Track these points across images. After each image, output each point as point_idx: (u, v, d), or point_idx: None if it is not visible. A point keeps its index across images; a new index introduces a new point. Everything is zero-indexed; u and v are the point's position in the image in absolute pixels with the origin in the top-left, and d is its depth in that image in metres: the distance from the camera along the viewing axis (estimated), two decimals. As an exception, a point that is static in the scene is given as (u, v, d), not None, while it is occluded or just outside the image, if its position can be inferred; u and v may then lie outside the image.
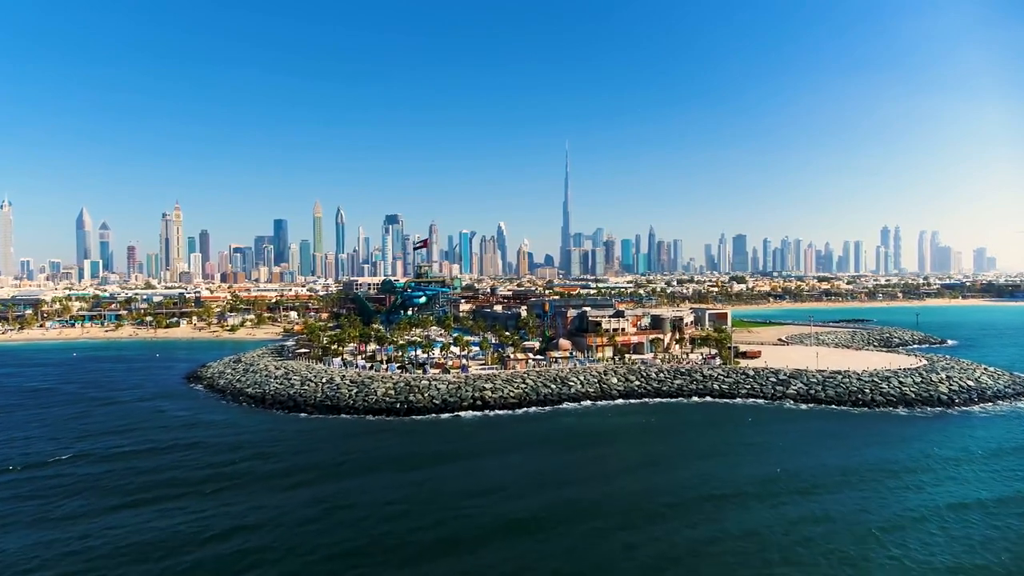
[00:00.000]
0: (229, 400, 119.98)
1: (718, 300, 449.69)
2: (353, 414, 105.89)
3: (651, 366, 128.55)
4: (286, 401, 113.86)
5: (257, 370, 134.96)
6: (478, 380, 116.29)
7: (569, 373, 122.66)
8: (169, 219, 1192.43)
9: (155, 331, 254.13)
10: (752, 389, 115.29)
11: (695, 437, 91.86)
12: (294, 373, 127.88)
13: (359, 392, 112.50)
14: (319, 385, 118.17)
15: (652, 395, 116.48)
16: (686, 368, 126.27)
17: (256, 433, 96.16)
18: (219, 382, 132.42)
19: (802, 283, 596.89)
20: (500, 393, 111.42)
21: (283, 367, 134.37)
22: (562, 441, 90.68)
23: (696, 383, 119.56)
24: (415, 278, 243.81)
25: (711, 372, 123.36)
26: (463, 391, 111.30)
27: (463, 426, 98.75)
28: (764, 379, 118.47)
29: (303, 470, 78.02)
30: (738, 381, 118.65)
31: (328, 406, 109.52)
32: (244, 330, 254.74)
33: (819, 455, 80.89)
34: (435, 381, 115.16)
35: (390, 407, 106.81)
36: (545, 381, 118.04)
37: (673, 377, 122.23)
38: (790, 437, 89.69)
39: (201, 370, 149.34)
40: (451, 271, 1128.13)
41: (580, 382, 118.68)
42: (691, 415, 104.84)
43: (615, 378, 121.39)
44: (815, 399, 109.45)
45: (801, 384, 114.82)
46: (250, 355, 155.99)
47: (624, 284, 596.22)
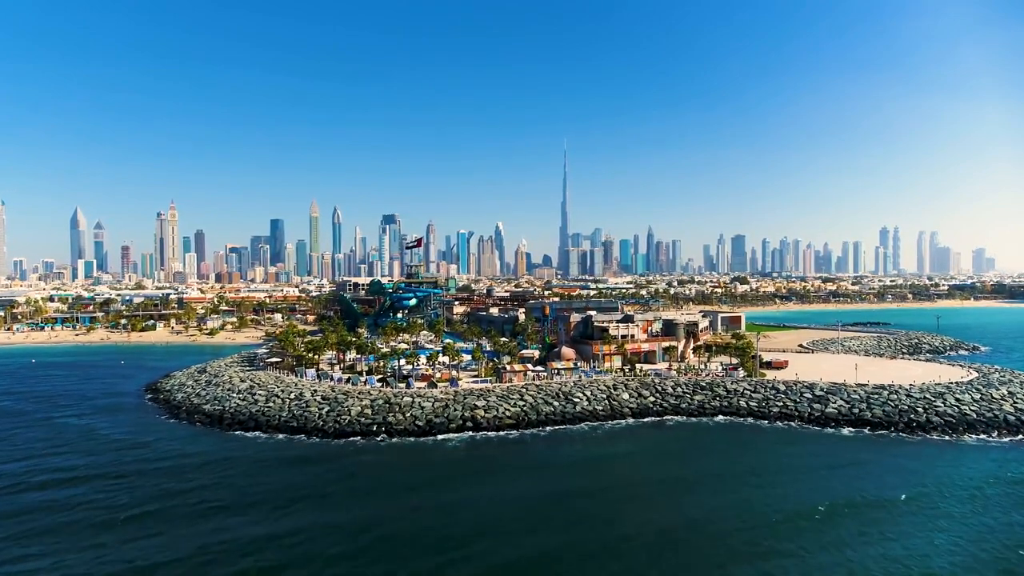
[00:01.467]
0: (183, 418, 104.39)
1: (723, 301, 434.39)
2: (321, 436, 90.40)
3: (666, 379, 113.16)
4: (246, 421, 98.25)
5: (220, 382, 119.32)
6: (469, 396, 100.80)
7: (574, 387, 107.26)
8: (164, 219, 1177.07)
9: (128, 335, 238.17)
10: (785, 407, 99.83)
11: (724, 472, 76.05)
12: (260, 387, 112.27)
13: (330, 411, 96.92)
14: (286, 402, 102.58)
15: (669, 413, 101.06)
16: (707, 381, 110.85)
17: (197, 460, 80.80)
18: (176, 396, 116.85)
19: (807, 284, 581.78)
20: (494, 412, 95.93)
21: (249, 379, 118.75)
22: (566, 471, 75.46)
23: (719, 399, 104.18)
24: (405, 278, 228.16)
25: (736, 386, 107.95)
26: (451, 410, 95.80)
27: (449, 452, 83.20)
28: (797, 395, 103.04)
29: (230, 508, 63.97)
30: (768, 397, 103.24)
31: (293, 427, 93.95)
32: (224, 334, 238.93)
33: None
34: (419, 398, 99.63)
35: (365, 429, 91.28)
36: (546, 397, 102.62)
37: (692, 392, 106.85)
38: (849, 484, 70.99)
39: (163, 381, 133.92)
40: (448, 271, 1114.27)
41: (586, 398, 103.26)
42: (716, 440, 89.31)
43: (626, 393, 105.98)
44: (860, 420, 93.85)
45: (841, 401, 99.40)
46: (217, 364, 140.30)
47: (624, 285, 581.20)
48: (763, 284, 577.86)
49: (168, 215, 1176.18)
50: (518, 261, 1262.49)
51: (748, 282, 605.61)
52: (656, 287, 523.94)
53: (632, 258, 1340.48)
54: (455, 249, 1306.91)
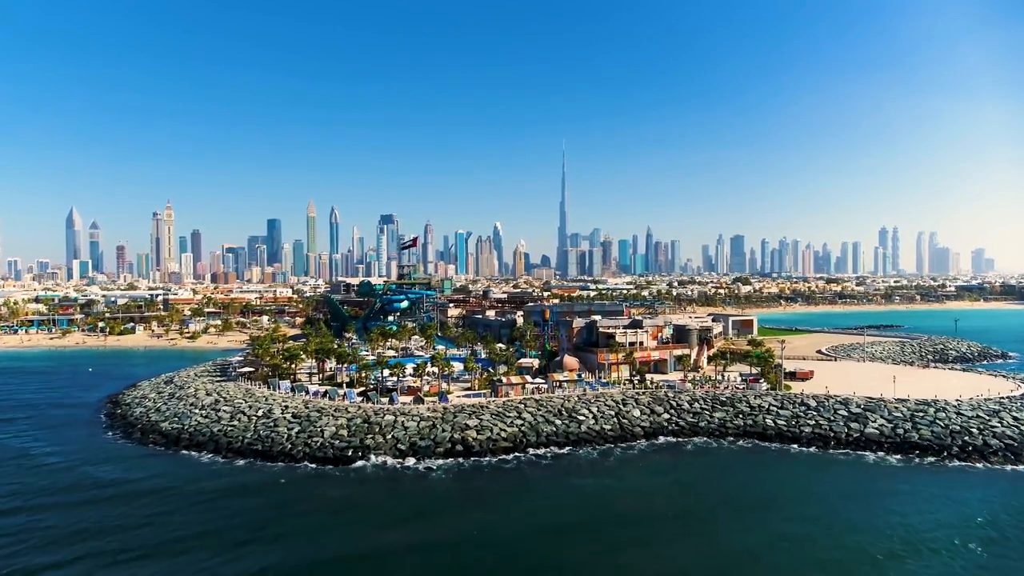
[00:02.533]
0: (136, 438, 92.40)
1: (726, 303, 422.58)
2: (288, 461, 78.43)
3: (681, 392, 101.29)
4: (205, 442, 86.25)
5: (185, 396, 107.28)
6: (459, 414, 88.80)
7: (578, 402, 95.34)
8: (160, 219, 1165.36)
9: (105, 339, 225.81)
10: (817, 426, 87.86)
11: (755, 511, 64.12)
12: (226, 402, 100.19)
13: (300, 432, 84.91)
14: (252, 420, 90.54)
15: (687, 433, 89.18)
16: (727, 395, 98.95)
17: (134, 490, 69.43)
18: (135, 411, 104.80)
19: (810, 285, 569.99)
20: (488, 433, 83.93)
21: (216, 392, 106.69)
22: (569, 508, 63.71)
23: (742, 416, 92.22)
24: (397, 279, 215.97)
25: (760, 401, 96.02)
26: (439, 430, 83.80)
27: (433, 483, 71.13)
28: (831, 412, 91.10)
29: (156, 555, 52.69)
30: (797, 415, 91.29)
31: (257, 450, 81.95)
32: (206, 338, 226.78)
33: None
34: (403, 416, 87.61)
35: (339, 453, 79.28)
36: (547, 415, 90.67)
37: (712, 408, 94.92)
38: (908, 527, 59.34)
39: (126, 392, 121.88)
40: (447, 272, 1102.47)
41: (593, 415, 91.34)
42: (743, 469, 77.17)
43: (637, 409, 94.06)
44: (906, 443, 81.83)
45: (882, 420, 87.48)
46: (186, 374, 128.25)
47: (623, 285, 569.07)
48: (766, 285, 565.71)
49: (164, 215, 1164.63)
50: (516, 261, 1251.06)
51: (750, 283, 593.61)
52: (656, 288, 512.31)
53: (631, 258, 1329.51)
54: (453, 249, 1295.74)
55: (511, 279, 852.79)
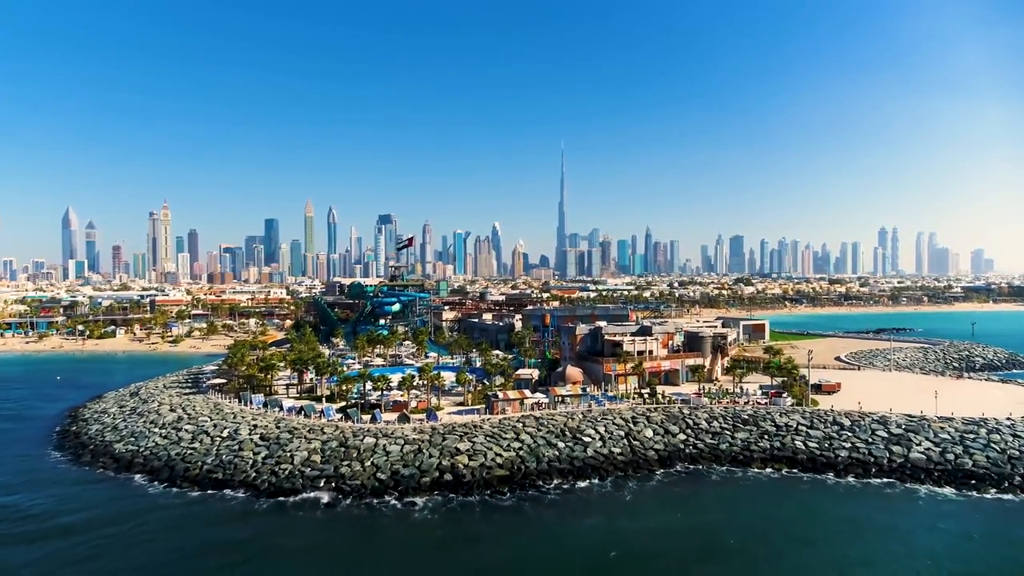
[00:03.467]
0: (85, 460, 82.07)
1: (730, 305, 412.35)
2: (250, 493, 68.02)
3: (697, 408, 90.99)
4: (160, 468, 75.90)
5: (147, 411, 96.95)
6: (450, 435, 78.42)
7: (583, 420, 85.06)
8: (157, 218, 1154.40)
9: (83, 343, 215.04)
10: (855, 451, 77.51)
11: (797, 567, 53.82)
12: (190, 420, 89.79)
13: (268, 456, 74.59)
14: (215, 442, 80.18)
15: (706, 458, 78.81)
16: (749, 413, 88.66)
17: (63, 522, 60.67)
18: (90, 428, 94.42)
19: (814, 286, 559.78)
20: (481, 459, 73.55)
21: (181, 408, 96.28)
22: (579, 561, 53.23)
23: (768, 438, 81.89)
24: (389, 281, 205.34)
25: (786, 419, 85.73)
26: (425, 456, 73.42)
27: (415, 525, 60.53)
28: (868, 432, 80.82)
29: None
30: (830, 436, 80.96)
31: (217, 479, 71.60)
32: (189, 342, 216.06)
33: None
34: (384, 439, 77.23)
35: (310, 483, 68.85)
36: (548, 436, 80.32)
37: (733, 427, 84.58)
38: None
39: (88, 405, 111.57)
40: (445, 272, 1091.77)
41: (600, 436, 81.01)
42: (775, 504, 66.78)
43: (649, 429, 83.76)
44: (960, 472, 71.49)
45: (928, 443, 77.22)
46: (154, 385, 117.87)
47: (623, 286, 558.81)
48: (769, 286, 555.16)
49: (161, 215, 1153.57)
50: (515, 262, 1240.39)
51: (752, 283, 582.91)
52: (657, 289, 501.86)
53: (630, 259, 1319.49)
54: (452, 249, 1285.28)
55: (510, 279, 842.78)
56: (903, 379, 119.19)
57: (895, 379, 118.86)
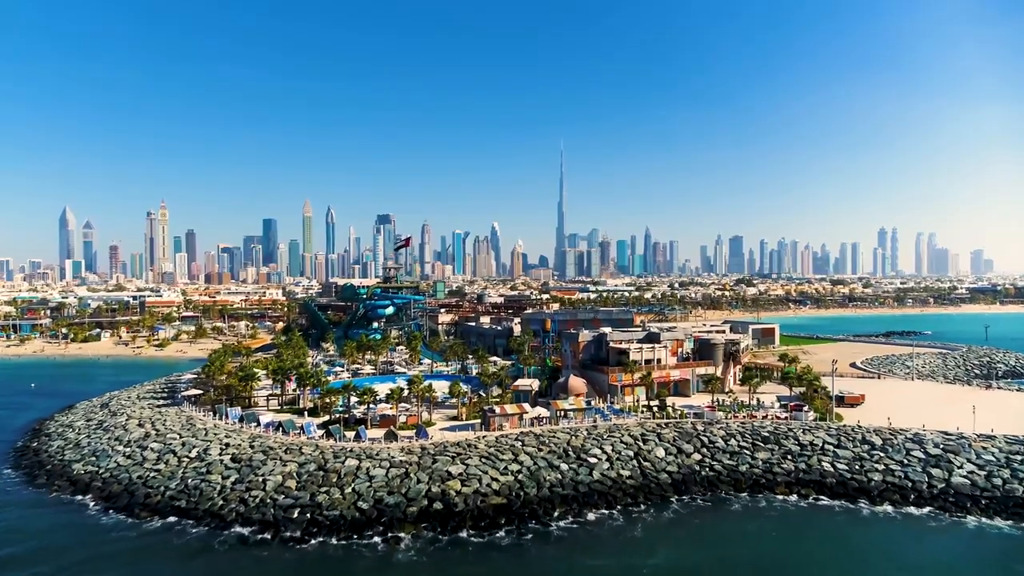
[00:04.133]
0: (41, 482, 74.51)
1: (733, 306, 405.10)
2: (214, 524, 60.35)
3: (712, 423, 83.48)
4: (119, 493, 68.28)
5: (114, 426, 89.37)
6: (441, 456, 70.85)
7: (588, 438, 77.55)
8: (154, 218, 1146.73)
9: (66, 346, 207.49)
10: (889, 473, 69.91)
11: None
12: (158, 436, 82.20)
13: (238, 481, 66.99)
14: (182, 464, 72.58)
15: (724, 482, 71.14)
16: (769, 429, 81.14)
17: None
18: (52, 444, 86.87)
19: (815, 286, 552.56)
20: (476, 484, 65.93)
21: (150, 423, 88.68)
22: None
23: (791, 458, 74.29)
24: (382, 282, 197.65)
25: (810, 436, 78.19)
26: (412, 481, 65.82)
27: (397, 569, 52.86)
28: (901, 452, 73.27)
29: None
30: (860, 457, 73.41)
31: (179, 507, 63.96)
32: (176, 346, 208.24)
33: None
34: (369, 460, 69.64)
35: (281, 515, 61.16)
36: (550, 456, 72.78)
37: (752, 445, 77.03)
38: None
39: (56, 417, 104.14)
40: (444, 272, 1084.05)
41: (607, 456, 73.47)
42: (807, 540, 59.17)
43: (661, 448, 76.19)
44: (1011, 500, 63.96)
45: (971, 465, 69.72)
46: (127, 395, 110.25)
47: (624, 287, 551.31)
48: (771, 287, 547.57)
49: (158, 214, 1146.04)
50: (514, 262, 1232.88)
51: (754, 284, 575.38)
52: (659, 290, 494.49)
53: (629, 259, 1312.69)
54: (450, 250, 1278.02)
55: (509, 280, 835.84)
56: (928, 389, 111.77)
57: (919, 389, 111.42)
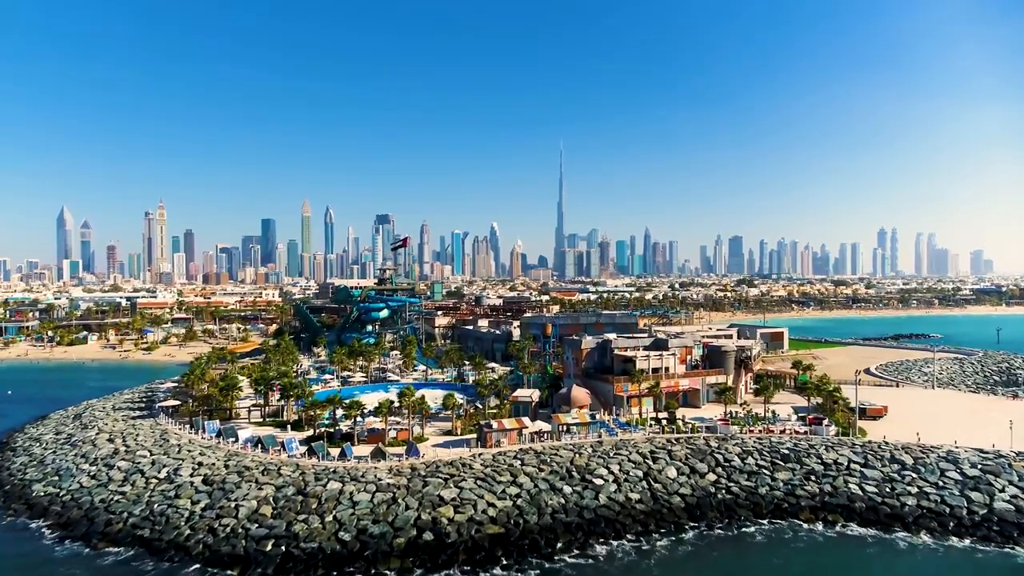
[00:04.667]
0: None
1: (735, 308, 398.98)
2: (178, 559, 54.06)
3: (726, 438, 77.38)
4: (78, 520, 62.01)
5: (83, 440, 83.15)
6: (433, 478, 64.67)
7: (593, 456, 71.41)
8: (152, 218, 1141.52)
9: (51, 350, 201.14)
10: (923, 497, 63.67)
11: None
12: (128, 453, 76.01)
13: (208, 507, 60.76)
14: (149, 486, 66.36)
15: (744, 507, 64.72)
16: (788, 445, 75.00)
17: None
18: (15, 461, 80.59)
19: (817, 287, 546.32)
20: (470, 511, 59.69)
21: (121, 438, 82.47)
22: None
23: (815, 479, 68.01)
24: (377, 284, 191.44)
25: (834, 455, 72.00)
26: (400, 508, 59.60)
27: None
28: (934, 472, 67.14)
29: None
30: (891, 478, 67.20)
31: (142, 537, 57.68)
32: (165, 349, 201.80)
33: None
34: (353, 483, 63.43)
35: (254, 549, 54.87)
36: (552, 477, 66.59)
37: (772, 464, 70.80)
38: None
39: (26, 428, 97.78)
40: (443, 272, 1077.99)
41: (614, 477, 67.27)
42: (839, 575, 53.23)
43: (673, 467, 70.00)
44: (1062, 527, 58.01)
45: (1013, 487, 63.54)
46: (102, 405, 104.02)
47: (624, 288, 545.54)
48: (773, 288, 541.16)
49: (156, 214, 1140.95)
50: (513, 262, 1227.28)
51: (755, 285, 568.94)
52: (660, 291, 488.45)
53: (628, 259, 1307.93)
54: (450, 250, 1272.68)
55: (508, 280, 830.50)
56: (951, 399, 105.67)
57: (942, 399, 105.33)
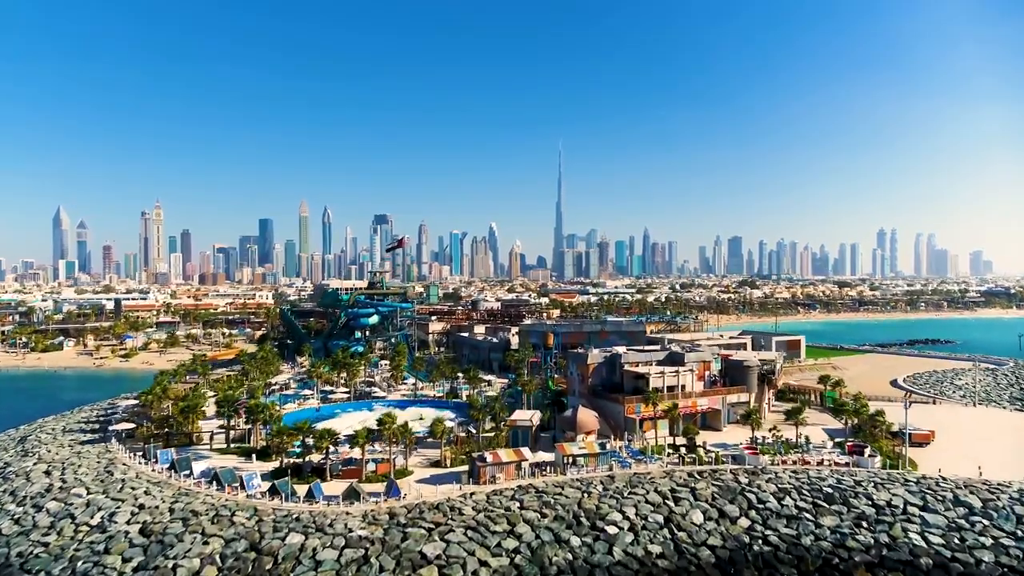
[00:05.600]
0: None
1: (740, 310, 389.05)
2: (100, 642, 43.66)
3: (757, 472, 66.90)
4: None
5: (16, 473, 72.42)
6: (414, 527, 54.05)
7: (604, 495, 60.91)
8: (149, 218, 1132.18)
9: (24, 357, 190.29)
10: (1001, 551, 52.95)
11: None
12: (62, 490, 65.33)
13: (140, 567, 50.04)
14: (78, 535, 55.71)
15: (787, 565, 53.62)
16: (831, 482, 64.46)
17: None
18: (-62, 497, 69.91)
19: (820, 288, 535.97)
20: (458, 572, 49.17)
21: (61, 469, 71.83)
22: None
23: (868, 526, 57.25)
24: (367, 288, 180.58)
25: (887, 495, 61.43)
26: (373, 570, 48.94)
27: None
28: (1009, 518, 56.63)
29: None
30: (958, 525, 56.60)
31: (57, 609, 47.23)
32: (144, 356, 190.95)
33: None
34: (318, 535, 52.78)
35: (191, 623, 44.43)
36: (557, 525, 56.00)
37: (815, 507, 60.14)
38: None
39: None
40: (441, 273, 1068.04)
41: (630, 525, 56.65)
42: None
43: (698, 510, 59.37)
44: None
45: (1108, 540, 53.23)
46: (52, 426, 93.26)
47: (624, 289, 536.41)
48: (776, 289, 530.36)
49: (153, 214, 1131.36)
50: (512, 262, 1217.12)
51: (757, 286, 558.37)
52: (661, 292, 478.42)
53: (627, 260, 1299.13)
54: (448, 250, 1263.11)
55: (506, 281, 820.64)
56: (997, 418, 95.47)
57: (987, 418, 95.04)
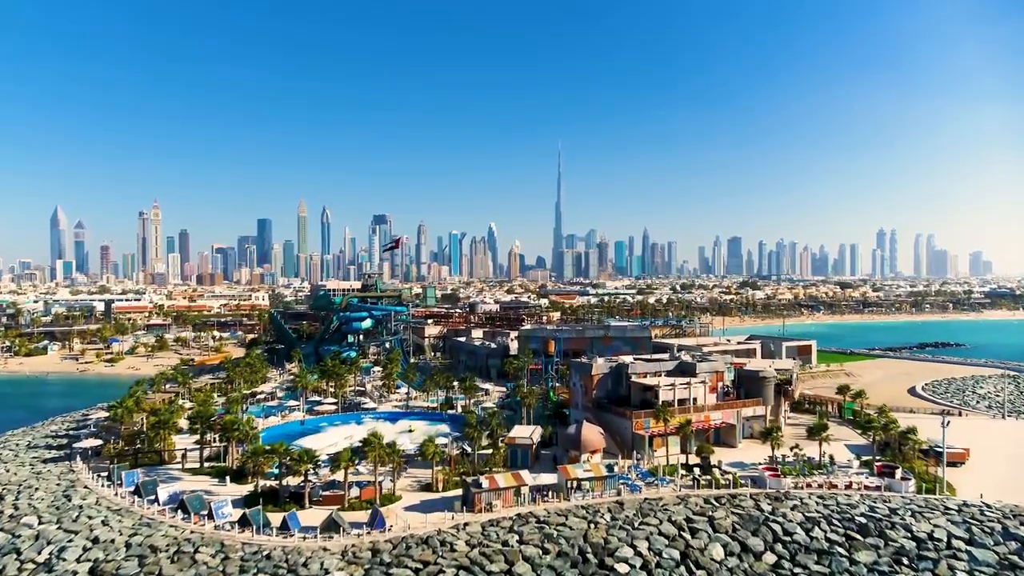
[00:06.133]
0: None
1: (743, 312, 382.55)
2: None
3: (780, 497, 60.62)
4: (-90, 631, 45.26)
5: (-32, 495, 66.14)
6: (399, 568, 47.80)
7: (612, 525, 54.66)
8: (147, 218, 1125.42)
9: (5, 362, 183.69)
10: (1063, 593, 47.19)
11: None
12: (12, 518, 58.90)
13: (85, 617, 44.00)
14: (22, 572, 49.47)
15: (819, 604, 48.00)
16: (863, 509, 58.22)
17: None
18: None
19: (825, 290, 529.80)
20: (448, 623, 43.01)
21: (16, 492, 65.45)
22: None
23: (909, 564, 50.82)
24: (360, 290, 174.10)
25: (928, 527, 55.21)
26: (351, 619, 42.85)
27: None
28: (1068, 555, 50.57)
29: None
30: (1010, 562, 50.53)
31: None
32: (131, 361, 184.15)
33: None
34: None
35: None
36: (560, 563, 49.67)
37: (847, 540, 53.87)
38: None
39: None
40: (440, 273, 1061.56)
41: (642, 562, 50.39)
42: None
43: (718, 544, 53.08)
44: None
45: None
46: (16, 442, 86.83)
47: (623, 289, 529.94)
48: (776, 290, 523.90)
49: (151, 214, 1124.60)
50: (511, 263, 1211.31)
51: (758, 287, 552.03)
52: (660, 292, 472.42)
53: (627, 260, 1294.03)
54: (447, 250, 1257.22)
55: (505, 281, 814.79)
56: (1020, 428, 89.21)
57: (1018, 432, 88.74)
